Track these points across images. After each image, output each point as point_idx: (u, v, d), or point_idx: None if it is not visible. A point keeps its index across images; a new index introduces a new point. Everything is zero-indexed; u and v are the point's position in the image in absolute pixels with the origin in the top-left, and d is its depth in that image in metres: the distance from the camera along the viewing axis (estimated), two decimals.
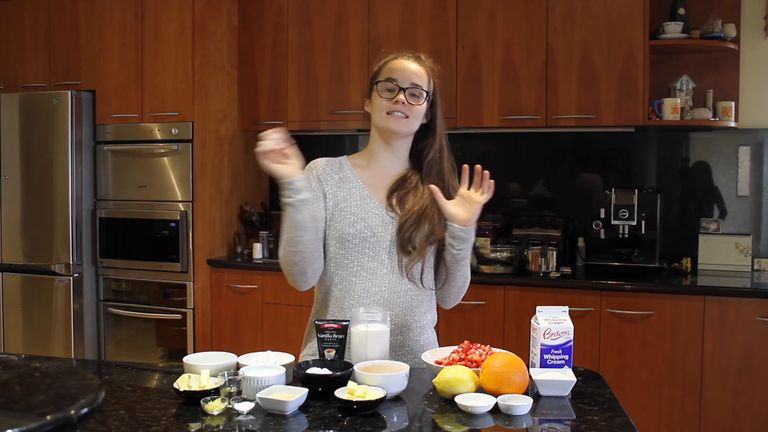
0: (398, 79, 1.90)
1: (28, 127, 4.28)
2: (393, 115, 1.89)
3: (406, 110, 1.89)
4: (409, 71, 1.92)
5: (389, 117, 1.90)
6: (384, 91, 1.91)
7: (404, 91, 1.89)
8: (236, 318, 4.07)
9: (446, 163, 1.98)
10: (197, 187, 4.07)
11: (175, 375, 1.66)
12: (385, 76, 1.92)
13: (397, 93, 1.89)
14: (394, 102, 1.89)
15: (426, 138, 1.97)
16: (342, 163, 2.00)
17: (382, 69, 1.95)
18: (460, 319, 3.55)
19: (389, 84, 1.90)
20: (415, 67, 1.93)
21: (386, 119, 1.90)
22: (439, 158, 1.97)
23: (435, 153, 1.96)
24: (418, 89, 1.91)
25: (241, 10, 4.33)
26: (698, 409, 3.28)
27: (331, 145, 4.50)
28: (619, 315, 3.37)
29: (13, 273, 4.35)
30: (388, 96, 1.90)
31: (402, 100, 1.89)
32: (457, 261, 1.88)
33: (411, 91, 1.90)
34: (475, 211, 1.84)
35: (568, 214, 3.97)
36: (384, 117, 1.90)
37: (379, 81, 1.92)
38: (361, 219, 1.89)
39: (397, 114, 1.89)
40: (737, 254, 3.68)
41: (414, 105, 1.90)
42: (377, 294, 1.88)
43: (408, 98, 1.89)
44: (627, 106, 3.58)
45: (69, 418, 0.94)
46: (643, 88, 3.56)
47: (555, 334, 1.67)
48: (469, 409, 1.48)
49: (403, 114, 1.89)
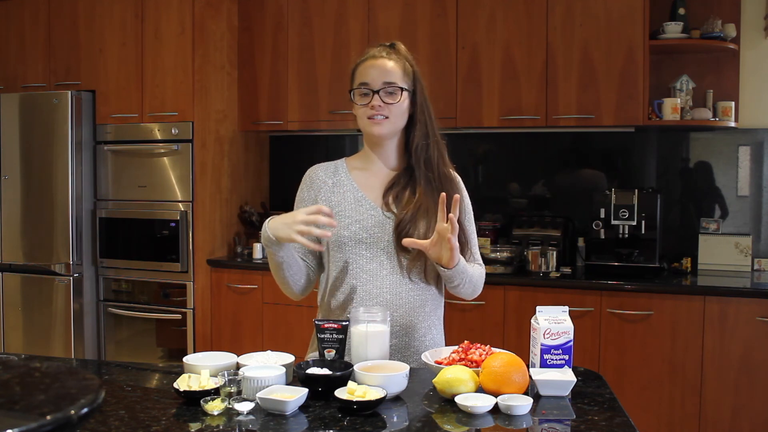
0: (370, 82, 1.87)
1: (28, 127, 4.28)
2: (373, 119, 1.87)
3: (385, 111, 1.87)
4: (380, 70, 1.88)
5: (371, 122, 1.88)
6: (359, 97, 1.89)
7: (378, 93, 1.86)
8: (236, 318, 4.07)
9: (434, 149, 1.93)
10: (197, 187, 4.07)
11: (175, 375, 1.66)
12: (358, 82, 1.90)
13: (371, 97, 1.87)
14: (370, 107, 1.87)
15: (413, 127, 1.93)
16: (338, 167, 1.99)
17: (355, 73, 1.92)
18: (460, 319, 3.55)
19: (362, 89, 1.88)
20: (385, 65, 1.88)
21: (368, 125, 1.89)
22: (425, 145, 1.92)
23: (421, 140, 1.92)
24: (392, 86, 1.87)
25: (241, 10, 4.33)
26: (698, 409, 3.28)
27: (331, 145, 4.50)
28: (619, 315, 3.37)
29: (13, 273, 4.35)
30: (365, 101, 1.88)
31: (377, 104, 1.86)
32: (455, 287, 1.87)
33: (385, 90, 1.87)
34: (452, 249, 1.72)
35: (568, 214, 3.97)
36: (366, 123, 1.89)
37: (353, 89, 1.90)
38: (356, 221, 1.88)
39: (377, 117, 1.87)
40: (737, 254, 3.68)
41: (392, 104, 1.87)
42: (379, 296, 1.87)
43: (384, 99, 1.86)
44: (627, 106, 3.58)
45: (69, 418, 0.94)
46: (643, 88, 3.56)
47: (555, 334, 1.67)
48: (469, 409, 1.48)
49: (383, 116, 1.87)
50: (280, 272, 1.87)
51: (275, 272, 1.89)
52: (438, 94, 3.81)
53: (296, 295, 1.96)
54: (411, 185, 1.92)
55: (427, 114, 1.94)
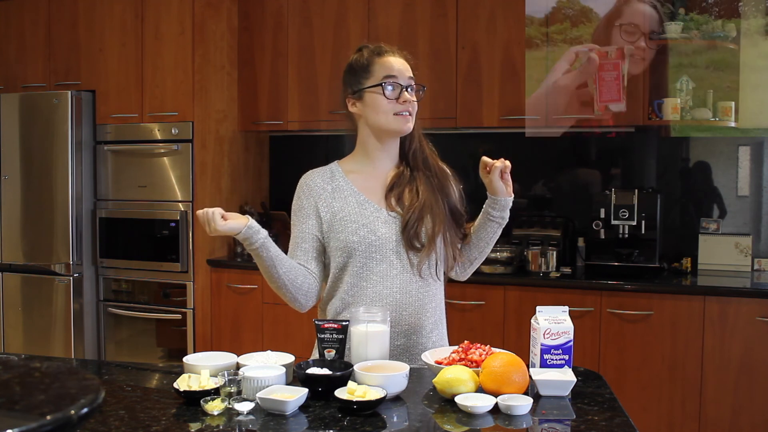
0: (398, 76, 1.88)
1: (28, 127, 4.28)
2: (401, 115, 1.87)
3: (411, 108, 1.89)
4: (404, 66, 1.90)
5: (398, 118, 1.87)
6: (390, 91, 1.87)
7: (406, 89, 1.88)
8: (236, 318, 4.08)
9: (427, 148, 1.98)
10: (197, 187, 4.07)
11: (175, 375, 1.66)
12: (382, 75, 1.88)
13: (401, 92, 1.87)
14: (402, 102, 1.86)
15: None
16: (333, 171, 1.97)
17: (373, 67, 1.90)
18: (460, 319, 3.55)
19: (391, 82, 1.87)
20: (404, 62, 1.92)
21: (394, 121, 1.88)
22: (420, 147, 1.96)
23: (416, 143, 1.96)
24: (416, 84, 1.90)
25: (241, 10, 4.33)
26: (698, 409, 3.28)
27: (331, 145, 4.50)
28: (619, 315, 3.37)
29: (13, 273, 4.35)
30: (393, 96, 1.87)
31: (409, 99, 1.87)
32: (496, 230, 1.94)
33: (410, 86, 1.89)
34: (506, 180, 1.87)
35: (568, 214, 3.97)
36: (391, 119, 1.88)
37: (377, 84, 1.88)
38: (363, 225, 1.87)
39: (405, 114, 1.88)
40: (737, 254, 3.68)
41: (415, 101, 1.90)
42: (389, 296, 1.87)
43: (409, 95, 1.88)
44: (627, 106, 3.58)
45: (69, 418, 0.94)
46: (643, 88, 3.56)
47: (555, 334, 1.67)
48: (469, 409, 1.48)
49: (409, 112, 1.88)
50: (273, 271, 1.82)
51: (270, 278, 1.84)
52: (438, 94, 3.82)
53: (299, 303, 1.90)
54: (411, 185, 1.93)
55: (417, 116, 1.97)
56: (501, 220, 1.93)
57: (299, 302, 1.90)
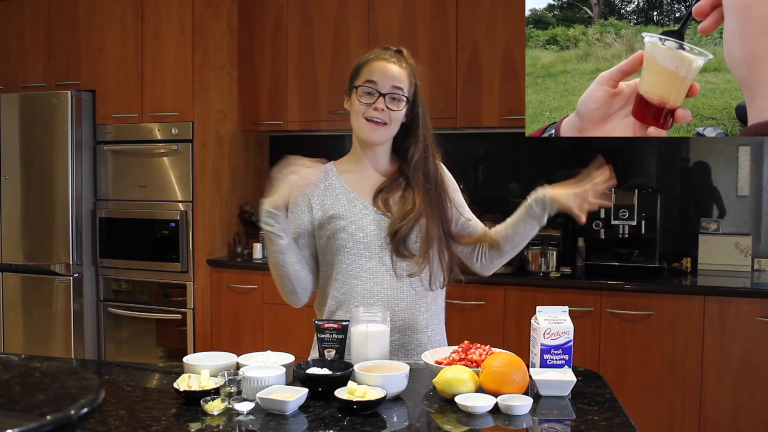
0: (378, 82, 1.86)
1: (28, 127, 4.28)
2: (372, 121, 1.86)
3: (385, 117, 1.86)
4: (390, 74, 1.87)
5: (367, 124, 1.87)
6: (363, 95, 1.87)
7: (384, 96, 1.85)
8: (236, 318, 4.08)
9: (433, 162, 1.94)
10: (197, 187, 4.07)
11: (175, 375, 1.66)
12: (365, 78, 1.87)
13: (377, 98, 1.85)
14: (373, 108, 1.85)
15: (408, 138, 1.93)
16: (328, 170, 1.98)
17: (362, 69, 1.90)
18: (460, 319, 3.55)
19: (369, 87, 1.86)
20: (396, 70, 1.88)
21: (364, 126, 1.87)
22: (425, 158, 1.92)
23: (420, 154, 1.91)
24: (398, 93, 1.86)
25: (241, 10, 4.33)
26: (698, 409, 3.28)
27: (331, 145, 4.50)
28: (619, 315, 3.37)
29: (13, 273, 4.36)
30: (369, 101, 1.86)
31: (381, 107, 1.85)
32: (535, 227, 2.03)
33: (391, 95, 1.86)
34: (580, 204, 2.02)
35: (568, 214, 3.95)
36: (362, 123, 1.87)
37: (358, 85, 1.88)
38: (351, 222, 1.88)
39: (376, 120, 1.86)
40: (737, 254, 3.68)
41: (394, 110, 1.86)
42: (380, 293, 1.87)
43: (388, 104, 1.85)
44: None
45: (69, 418, 0.94)
46: None
47: (555, 334, 1.67)
48: (469, 409, 1.48)
49: (382, 120, 1.86)
50: (281, 258, 1.83)
51: (276, 265, 1.85)
52: (438, 94, 3.82)
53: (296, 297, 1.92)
54: (405, 192, 1.91)
55: (427, 128, 1.94)
56: (541, 218, 2.01)
57: (297, 295, 1.91)
